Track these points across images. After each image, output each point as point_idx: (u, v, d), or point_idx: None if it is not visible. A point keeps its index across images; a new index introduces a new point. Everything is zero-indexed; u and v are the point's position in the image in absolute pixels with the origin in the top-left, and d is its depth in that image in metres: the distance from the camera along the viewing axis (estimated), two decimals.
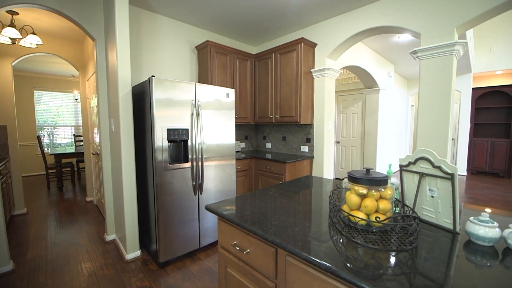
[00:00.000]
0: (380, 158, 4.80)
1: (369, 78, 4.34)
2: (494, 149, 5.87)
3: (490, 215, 1.14)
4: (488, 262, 0.78)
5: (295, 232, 0.97)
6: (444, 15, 2.21)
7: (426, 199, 1.02)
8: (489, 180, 5.54)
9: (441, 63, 2.25)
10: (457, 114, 6.37)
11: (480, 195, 4.37)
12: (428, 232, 0.98)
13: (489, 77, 6.30)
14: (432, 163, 0.96)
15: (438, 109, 2.27)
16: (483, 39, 5.74)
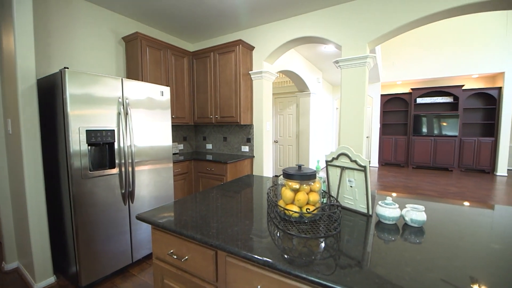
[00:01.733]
0: (312, 155, 5.31)
1: (301, 82, 4.74)
2: (397, 145, 7.24)
3: (393, 199, 1.39)
4: (392, 237, 0.94)
5: (234, 232, 0.97)
6: (359, 32, 2.59)
7: (346, 189, 1.17)
8: (394, 169, 6.80)
9: (357, 72, 2.64)
10: (370, 116, 7.59)
11: (388, 182, 5.32)
12: (349, 217, 1.12)
13: (392, 86, 7.76)
14: (350, 158, 1.10)
15: (355, 112, 2.66)
16: (388, 55, 7.02)
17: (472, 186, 5.05)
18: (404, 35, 6.70)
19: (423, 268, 0.73)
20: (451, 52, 6.36)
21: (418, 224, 0.98)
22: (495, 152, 6.18)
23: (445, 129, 6.67)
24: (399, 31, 2.54)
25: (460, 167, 6.55)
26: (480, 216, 1.15)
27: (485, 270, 0.72)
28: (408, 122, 7.16)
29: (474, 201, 3.99)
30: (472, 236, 0.94)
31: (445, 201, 1.38)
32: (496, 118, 6.19)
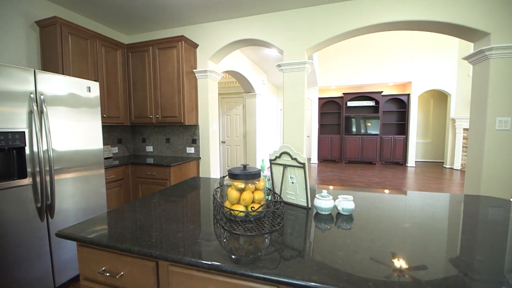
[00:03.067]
0: (259, 154, 5.47)
1: (247, 83, 4.83)
2: (332, 143, 8.08)
3: (328, 191, 1.53)
4: (328, 225, 1.04)
5: (178, 239, 0.92)
6: (299, 38, 2.79)
7: (289, 185, 1.24)
8: (331, 165, 7.57)
9: (297, 76, 2.83)
10: (310, 117, 8.27)
11: (326, 177, 5.89)
12: (292, 211, 1.19)
13: (328, 90, 8.62)
14: (291, 156, 1.17)
15: (297, 113, 2.85)
16: (324, 62, 7.75)
17: (390, 176, 6.01)
18: (338, 44, 7.52)
19: (352, 250, 0.83)
20: (374, 63, 7.45)
21: (348, 212, 1.11)
22: (406, 147, 7.51)
23: (369, 128, 7.77)
24: (333, 41, 2.84)
25: (381, 161, 7.73)
26: (396, 201, 1.38)
27: (400, 246, 0.86)
28: (340, 123, 8.07)
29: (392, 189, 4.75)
30: (389, 218, 1.11)
31: (370, 190, 1.59)
32: (406, 119, 7.53)
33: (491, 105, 2.35)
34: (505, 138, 2.34)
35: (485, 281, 0.67)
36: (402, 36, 7.05)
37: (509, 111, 2.32)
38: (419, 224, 1.05)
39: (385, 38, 7.23)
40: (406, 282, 0.66)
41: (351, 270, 0.72)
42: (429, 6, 2.41)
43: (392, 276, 0.69)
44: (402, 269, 0.72)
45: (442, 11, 2.39)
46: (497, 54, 2.30)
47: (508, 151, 2.35)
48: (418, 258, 0.79)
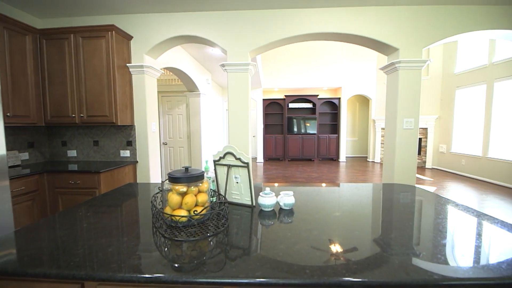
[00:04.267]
0: (205, 155, 5.33)
1: (190, 82, 4.64)
2: (276, 142, 8.50)
3: (272, 188, 1.60)
4: (271, 221, 1.08)
5: (109, 254, 0.81)
6: (243, 40, 2.82)
7: (233, 185, 1.25)
8: (275, 163, 7.94)
9: (241, 77, 2.86)
10: (255, 117, 8.49)
11: (271, 175, 6.15)
12: (237, 211, 1.19)
13: (271, 92, 9.01)
14: (235, 156, 1.18)
15: (241, 113, 2.88)
16: (267, 64, 8.06)
17: (326, 171, 6.67)
18: (280, 49, 7.93)
19: (292, 242, 0.88)
20: (312, 68, 8.14)
21: (289, 206, 1.18)
22: (338, 145, 8.47)
23: (308, 128, 8.46)
24: (275, 45, 2.98)
25: (319, 157, 8.52)
26: (330, 193, 1.53)
27: (333, 233, 0.96)
28: (283, 123, 8.56)
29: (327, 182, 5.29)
30: (324, 209, 1.22)
31: (309, 185, 1.73)
32: (338, 120, 8.49)
33: (400, 108, 2.85)
34: (410, 136, 2.88)
35: (398, 253, 0.81)
36: (334, 45, 7.90)
37: (412, 113, 2.85)
38: (348, 212, 1.19)
39: (321, 46, 7.98)
40: (339, 264, 0.74)
41: (291, 260, 0.76)
42: (355, 22, 2.77)
43: (328, 260, 0.76)
44: (336, 253, 0.81)
45: (365, 28, 2.78)
46: (404, 67, 2.80)
47: (412, 146, 2.89)
48: (349, 242, 0.89)
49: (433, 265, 0.74)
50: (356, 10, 2.79)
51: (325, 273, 0.70)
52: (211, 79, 5.82)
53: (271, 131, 8.82)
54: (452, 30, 2.75)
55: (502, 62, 5.09)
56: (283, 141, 8.51)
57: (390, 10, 2.78)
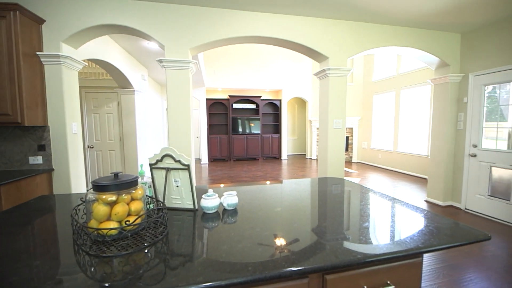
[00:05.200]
0: (142, 159, 4.87)
1: (122, 77, 4.17)
2: (221, 142, 8.42)
3: (215, 190, 1.57)
4: (215, 223, 1.06)
5: (14, 284, 0.65)
6: (183, 36, 2.69)
7: (173, 189, 1.17)
8: (221, 164, 7.87)
9: (181, 75, 2.72)
10: (198, 117, 8.23)
11: (217, 176, 6.06)
12: (178, 216, 1.13)
13: (215, 91, 8.88)
14: (174, 158, 1.11)
15: (182, 113, 2.75)
16: (210, 64, 7.89)
17: (270, 169, 6.97)
18: (225, 49, 7.88)
19: (235, 241, 0.88)
20: (255, 69, 8.35)
21: (233, 206, 1.18)
22: (280, 144, 8.95)
23: (253, 128, 8.68)
24: (218, 44, 2.94)
25: (263, 156, 8.84)
26: (273, 190, 1.59)
27: (275, 227, 1.00)
28: (228, 123, 8.55)
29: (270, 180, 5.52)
30: (266, 206, 1.27)
31: (254, 184, 1.77)
32: (279, 121, 8.97)
33: (330, 110, 3.19)
34: (339, 134, 3.25)
35: (332, 239, 0.90)
36: (275, 50, 8.29)
37: (340, 115, 3.23)
38: (288, 207, 1.27)
39: (263, 49, 8.27)
40: (280, 257, 0.78)
41: (235, 259, 0.76)
42: (294, 30, 2.97)
43: (270, 254, 0.79)
44: (278, 247, 0.84)
45: (302, 36, 3.01)
46: (333, 73, 3.15)
47: (341, 144, 3.27)
48: (290, 234, 0.94)
49: (357, 245, 0.85)
50: (295, 18, 3.00)
51: (266, 267, 0.72)
52: (147, 75, 5.37)
53: (216, 132, 8.70)
54: (370, 44, 3.24)
55: (406, 74, 6.28)
56: (228, 141, 8.51)
57: (322, 22, 3.08)
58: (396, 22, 3.17)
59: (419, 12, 2.88)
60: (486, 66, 3.28)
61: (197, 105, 8.41)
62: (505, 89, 3.20)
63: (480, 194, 3.38)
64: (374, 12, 2.89)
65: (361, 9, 2.82)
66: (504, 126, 3.21)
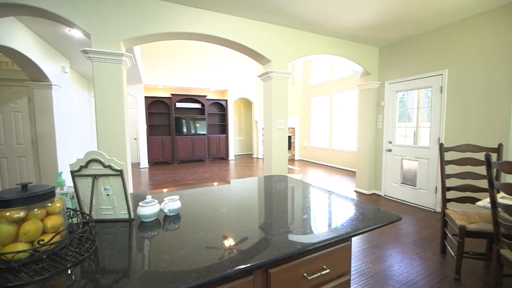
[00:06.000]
0: (63, 166, 4.14)
1: (35, 68, 3.48)
2: (163, 144, 7.87)
3: (154, 195, 1.46)
4: (155, 232, 0.98)
5: None
6: (115, 27, 2.40)
7: (103, 199, 1.03)
8: (163, 167, 7.35)
9: (112, 69, 2.43)
10: (136, 117, 7.51)
11: (159, 180, 5.64)
12: (110, 229, 1.00)
13: (155, 89, 8.24)
14: (103, 164, 0.98)
15: (115, 112, 2.46)
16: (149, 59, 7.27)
17: (217, 170, 6.87)
18: (167, 44, 7.37)
19: (178, 248, 0.83)
20: (200, 68, 8.07)
21: (175, 212, 1.11)
22: (227, 144, 8.92)
23: (198, 129, 8.40)
24: (156, 38, 2.73)
25: (210, 157, 8.65)
26: (219, 191, 1.57)
27: (222, 228, 0.98)
28: (171, 123, 8.05)
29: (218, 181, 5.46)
30: (211, 208, 1.24)
31: (200, 186, 1.71)
32: (226, 121, 8.93)
33: (274, 111, 3.34)
34: (282, 134, 3.43)
35: (278, 233, 0.93)
36: (221, 49, 8.20)
37: (283, 116, 3.41)
38: (235, 206, 1.27)
39: (209, 48, 8.07)
40: (225, 258, 0.77)
41: (177, 268, 0.72)
42: (238, 31, 2.99)
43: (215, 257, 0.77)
44: (224, 248, 0.83)
45: (246, 37, 3.05)
46: (275, 76, 3.30)
47: (283, 143, 3.46)
48: (238, 233, 0.94)
49: (298, 237, 0.91)
50: (242, 20, 3.03)
51: (211, 271, 0.70)
52: (69, 67, 4.62)
53: (157, 132, 8.09)
54: (307, 51, 3.52)
55: (338, 80, 7.07)
56: (171, 142, 8.02)
57: (266, 26, 3.20)
58: (328, 33, 3.53)
59: (346, 25, 3.27)
60: (397, 76, 3.95)
61: (133, 103, 7.66)
62: (410, 96, 3.92)
63: (395, 182, 4.06)
64: (309, 21, 3.15)
65: (298, 18, 3.04)
66: (410, 126, 3.93)
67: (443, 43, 3.29)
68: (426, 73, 3.52)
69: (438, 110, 3.41)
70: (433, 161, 3.49)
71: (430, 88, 3.51)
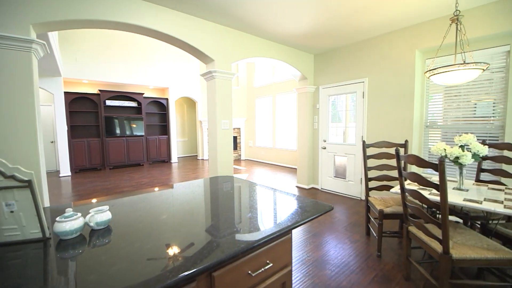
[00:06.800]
0: None
1: None
2: (90, 148, 6.85)
3: (76, 208, 1.26)
4: (79, 250, 0.84)
5: None
6: (21, 8, 1.97)
7: (5, 217, 0.83)
8: (91, 174, 6.41)
9: (19, 57, 1.99)
10: (52, 116, 6.33)
11: (85, 190, 4.89)
12: (17, 252, 0.81)
13: (78, 84, 7.11)
14: (4, 174, 0.78)
15: (22, 109, 2.02)
16: (70, 49, 6.21)
17: (158, 174, 6.38)
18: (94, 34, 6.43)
19: (108, 265, 0.73)
20: (135, 63, 7.31)
21: (104, 225, 0.98)
22: (169, 146, 8.38)
23: (134, 130, 7.63)
24: (79, 25, 2.36)
25: (149, 161, 7.96)
26: (159, 196, 1.45)
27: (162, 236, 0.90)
28: (100, 124, 7.08)
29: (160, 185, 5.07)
30: (149, 216, 1.14)
31: (138, 193, 1.54)
32: (167, 121, 8.37)
33: (218, 111, 3.30)
34: (227, 134, 3.41)
35: (225, 234, 0.91)
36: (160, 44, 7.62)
37: (227, 116, 3.40)
38: (177, 211, 1.19)
39: (146, 42, 7.38)
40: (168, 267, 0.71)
41: None
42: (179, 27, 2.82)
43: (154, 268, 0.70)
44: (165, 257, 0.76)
45: (188, 34, 2.91)
46: (219, 76, 3.26)
47: (229, 143, 3.45)
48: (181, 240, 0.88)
49: (242, 236, 0.92)
50: (185, 16, 2.88)
51: (147, 285, 0.64)
52: None
53: (82, 134, 6.98)
54: (250, 53, 3.59)
55: (280, 82, 7.46)
56: (101, 145, 7.06)
57: (210, 25, 3.13)
58: (269, 37, 3.69)
59: (285, 31, 3.48)
60: (329, 81, 4.41)
61: (48, 100, 6.45)
62: (340, 99, 4.42)
63: (329, 176, 4.52)
64: (250, 24, 3.23)
65: (240, 20, 3.08)
66: (341, 126, 4.44)
67: (364, 55, 3.84)
68: (352, 80, 4.04)
69: (361, 112, 3.95)
70: (358, 156, 4.03)
71: (355, 93, 4.04)
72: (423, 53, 3.35)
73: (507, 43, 2.69)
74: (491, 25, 2.65)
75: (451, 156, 1.86)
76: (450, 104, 3.17)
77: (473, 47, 2.83)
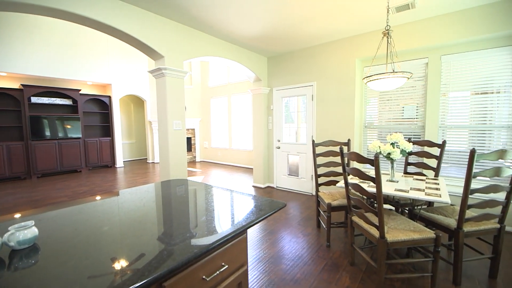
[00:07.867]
0: None
1: None
2: (10, 153, 5.73)
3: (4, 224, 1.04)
4: None
5: None
6: None
7: None
8: (11, 185, 5.37)
9: None
10: None
11: (4, 204, 4.07)
12: None
13: None
14: None
15: None
16: None
17: (100, 181, 5.71)
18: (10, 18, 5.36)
19: None
20: (69, 56, 6.38)
21: (29, 243, 0.82)
22: (113, 149, 7.58)
23: (69, 131, 6.66)
24: None
25: (88, 166, 7.06)
26: (101, 206, 1.29)
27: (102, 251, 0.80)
28: (24, 125, 5.99)
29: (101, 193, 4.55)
30: (87, 228, 1.00)
31: (74, 203, 1.34)
32: (110, 121, 7.55)
33: (169, 111, 3.12)
34: (179, 136, 3.25)
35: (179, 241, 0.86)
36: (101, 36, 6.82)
37: (180, 116, 3.24)
38: (123, 221, 1.08)
39: (83, 33, 6.51)
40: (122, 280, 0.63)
41: None
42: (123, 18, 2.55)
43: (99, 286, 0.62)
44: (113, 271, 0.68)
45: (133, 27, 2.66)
46: (170, 74, 3.08)
47: (182, 145, 3.29)
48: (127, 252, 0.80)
49: (199, 240, 0.88)
50: (127, 7, 2.62)
51: None
52: None
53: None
54: (203, 52, 3.50)
55: (235, 83, 7.46)
56: (25, 150, 5.97)
57: (159, 19, 2.93)
58: (223, 37, 3.65)
59: (239, 33, 3.49)
60: (282, 84, 4.59)
61: None
62: (292, 101, 4.65)
63: (284, 175, 4.71)
64: (204, 23, 3.15)
65: (194, 17, 2.98)
66: (293, 126, 4.67)
67: (313, 61, 4.12)
68: (302, 83, 4.29)
69: (311, 113, 4.23)
70: (309, 155, 4.30)
71: (305, 95, 4.29)
72: (362, 61, 3.76)
73: (425, 56, 3.22)
74: (412, 40, 3.13)
75: (384, 152, 2.13)
76: (383, 107, 3.63)
77: (400, 58, 3.31)
